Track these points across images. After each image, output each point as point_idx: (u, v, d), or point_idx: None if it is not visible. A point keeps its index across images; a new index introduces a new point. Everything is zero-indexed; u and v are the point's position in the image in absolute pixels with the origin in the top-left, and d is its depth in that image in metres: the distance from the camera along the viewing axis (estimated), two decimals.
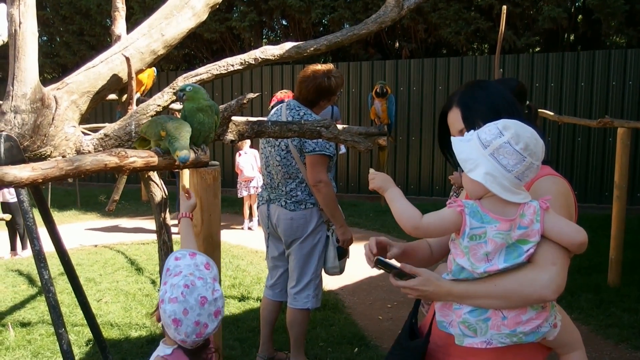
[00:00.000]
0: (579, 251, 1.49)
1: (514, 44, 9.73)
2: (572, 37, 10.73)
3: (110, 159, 1.96)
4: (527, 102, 1.79)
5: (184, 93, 2.26)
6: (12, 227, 6.76)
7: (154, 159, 2.09)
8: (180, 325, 1.59)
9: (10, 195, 6.38)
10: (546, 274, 1.43)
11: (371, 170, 1.67)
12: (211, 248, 2.14)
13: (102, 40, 12.17)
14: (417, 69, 10.03)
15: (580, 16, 10.28)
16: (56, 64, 13.46)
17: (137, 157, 2.04)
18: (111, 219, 9.05)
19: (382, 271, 1.61)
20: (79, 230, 8.22)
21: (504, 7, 5.27)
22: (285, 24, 12.20)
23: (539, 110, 6.65)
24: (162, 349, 1.73)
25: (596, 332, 4.27)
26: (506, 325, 1.47)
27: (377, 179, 1.61)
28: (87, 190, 11.50)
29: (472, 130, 1.51)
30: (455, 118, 1.71)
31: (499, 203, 1.46)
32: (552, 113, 6.56)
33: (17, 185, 1.93)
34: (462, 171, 1.52)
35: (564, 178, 1.64)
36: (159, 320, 1.67)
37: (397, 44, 11.55)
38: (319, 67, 3.52)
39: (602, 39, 9.99)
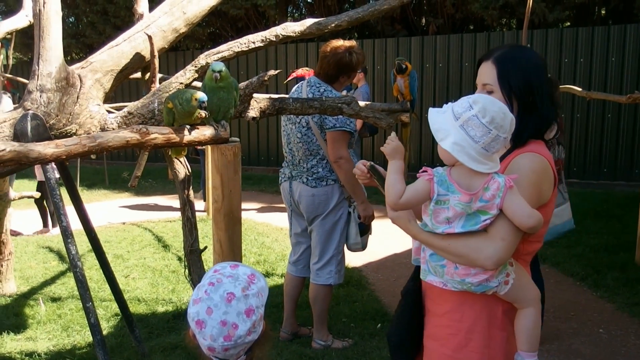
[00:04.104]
0: (530, 232, 1.59)
1: (544, 18, 9.50)
2: (603, 11, 10.42)
3: (131, 136, 1.99)
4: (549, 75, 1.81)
5: (219, 74, 2.26)
6: (42, 204, 6.93)
7: (174, 135, 2.12)
8: (204, 327, 1.36)
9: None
10: (492, 246, 1.56)
11: (392, 134, 1.73)
12: (232, 223, 2.17)
13: (127, 20, 12.20)
14: (443, 45, 9.88)
15: None
16: (83, 44, 13.58)
17: (158, 134, 2.07)
18: (139, 197, 9.19)
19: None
20: (107, 208, 8.37)
21: None
22: (310, 1, 12.10)
23: (566, 86, 6.53)
24: None
25: (622, 310, 4.23)
26: (457, 274, 1.62)
27: (390, 146, 1.68)
28: (115, 168, 11.67)
29: (450, 103, 1.60)
30: (486, 71, 1.75)
31: (467, 174, 1.57)
32: (579, 89, 6.41)
33: (42, 161, 1.98)
34: None
35: (548, 155, 1.69)
36: (194, 337, 1.43)
37: (423, 20, 11.38)
38: (340, 42, 3.50)
39: (634, 12, 9.69)
